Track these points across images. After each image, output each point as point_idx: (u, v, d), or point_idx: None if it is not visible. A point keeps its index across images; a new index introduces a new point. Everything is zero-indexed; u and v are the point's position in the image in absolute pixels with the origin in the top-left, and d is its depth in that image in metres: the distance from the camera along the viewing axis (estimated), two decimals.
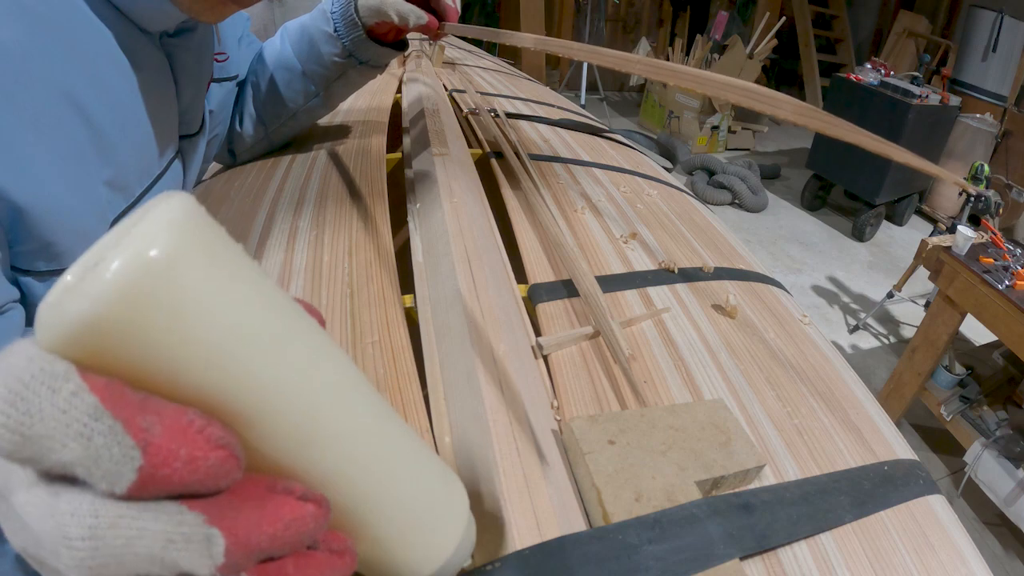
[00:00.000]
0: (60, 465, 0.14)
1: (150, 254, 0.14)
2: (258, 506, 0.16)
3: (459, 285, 0.46)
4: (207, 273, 0.15)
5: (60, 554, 0.14)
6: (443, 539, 0.23)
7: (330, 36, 0.64)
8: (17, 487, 0.15)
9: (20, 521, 0.15)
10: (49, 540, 0.14)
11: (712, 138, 4.03)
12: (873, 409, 0.49)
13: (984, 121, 3.22)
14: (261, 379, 0.16)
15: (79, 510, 0.14)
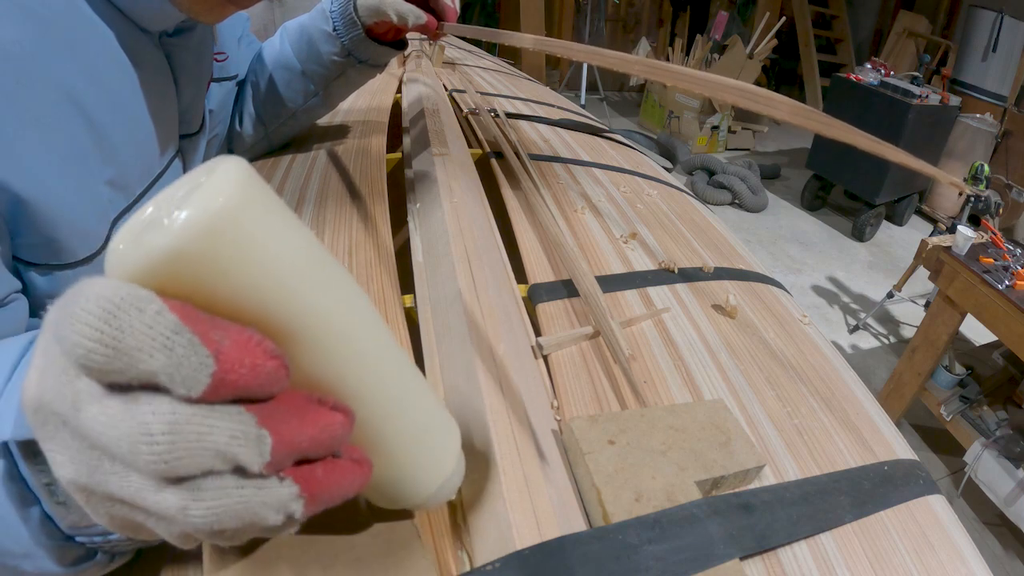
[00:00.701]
0: (145, 374, 0.16)
1: (220, 201, 0.17)
2: (298, 413, 0.19)
3: (459, 285, 0.46)
4: (264, 218, 0.18)
5: (139, 452, 0.16)
6: (442, 464, 0.26)
7: (329, 35, 0.65)
8: (87, 402, 0.17)
9: (83, 440, 0.17)
10: (127, 441, 0.16)
11: (712, 138, 4.03)
12: (873, 409, 0.49)
13: (984, 121, 3.22)
14: (307, 304, 0.19)
15: (159, 409, 0.16)
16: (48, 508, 0.24)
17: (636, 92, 5.08)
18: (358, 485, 0.22)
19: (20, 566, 0.25)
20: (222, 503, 0.18)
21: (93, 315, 0.16)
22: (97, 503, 0.19)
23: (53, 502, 0.24)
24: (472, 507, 0.32)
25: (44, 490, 0.23)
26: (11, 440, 0.23)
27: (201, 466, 0.17)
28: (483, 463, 0.33)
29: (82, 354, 0.16)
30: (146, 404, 0.17)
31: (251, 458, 0.18)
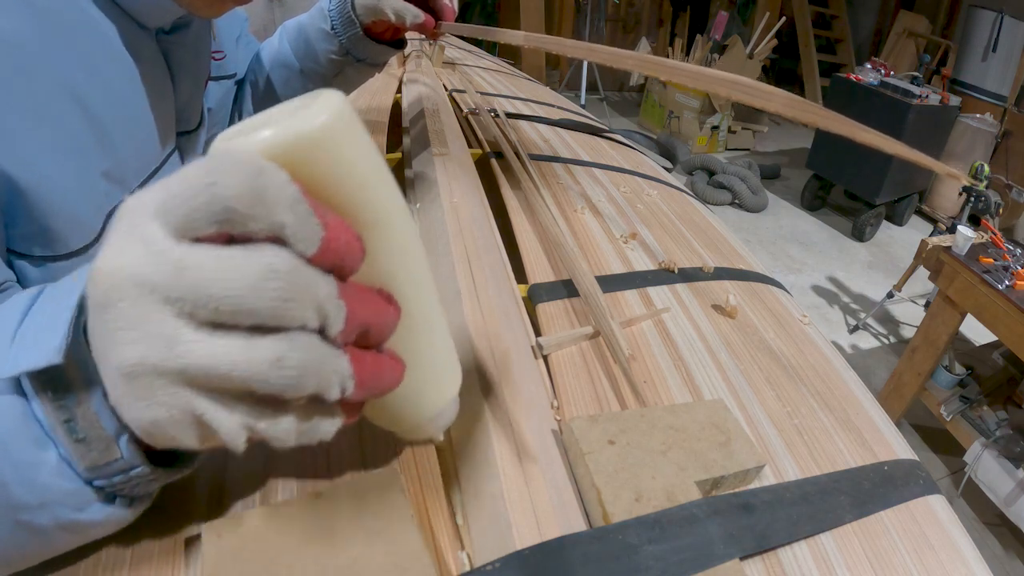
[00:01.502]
0: (276, 226, 0.19)
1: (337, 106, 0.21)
2: (363, 297, 0.22)
3: (459, 285, 0.46)
4: (358, 128, 0.22)
5: (264, 288, 0.19)
6: (443, 393, 0.30)
7: (327, 34, 0.65)
8: (199, 256, 0.18)
9: (175, 304, 0.18)
10: (253, 278, 0.18)
11: (712, 138, 4.03)
12: (873, 409, 0.49)
13: (984, 121, 3.22)
14: (381, 205, 0.23)
15: (282, 255, 0.19)
16: (65, 449, 0.23)
17: (636, 92, 5.08)
18: (395, 381, 0.24)
19: (35, 520, 0.24)
20: (309, 357, 0.20)
21: (244, 171, 0.18)
22: (161, 388, 0.19)
23: (72, 440, 0.23)
24: (472, 507, 0.32)
25: (62, 428, 0.23)
26: (24, 374, 0.22)
27: (304, 314, 0.19)
28: (483, 463, 0.33)
29: (232, 196, 0.18)
30: (270, 251, 0.19)
31: (335, 321, 0.20)
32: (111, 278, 0.19)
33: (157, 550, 0.30)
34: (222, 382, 0.19)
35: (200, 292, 0.18)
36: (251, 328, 0.19)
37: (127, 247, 0.19)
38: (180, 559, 0.30)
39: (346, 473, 0.34)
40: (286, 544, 0.28)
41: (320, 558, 0.27)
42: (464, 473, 0.35)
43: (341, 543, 0.28)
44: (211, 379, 0.19)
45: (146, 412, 0.20)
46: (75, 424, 0.23)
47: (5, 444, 0.22)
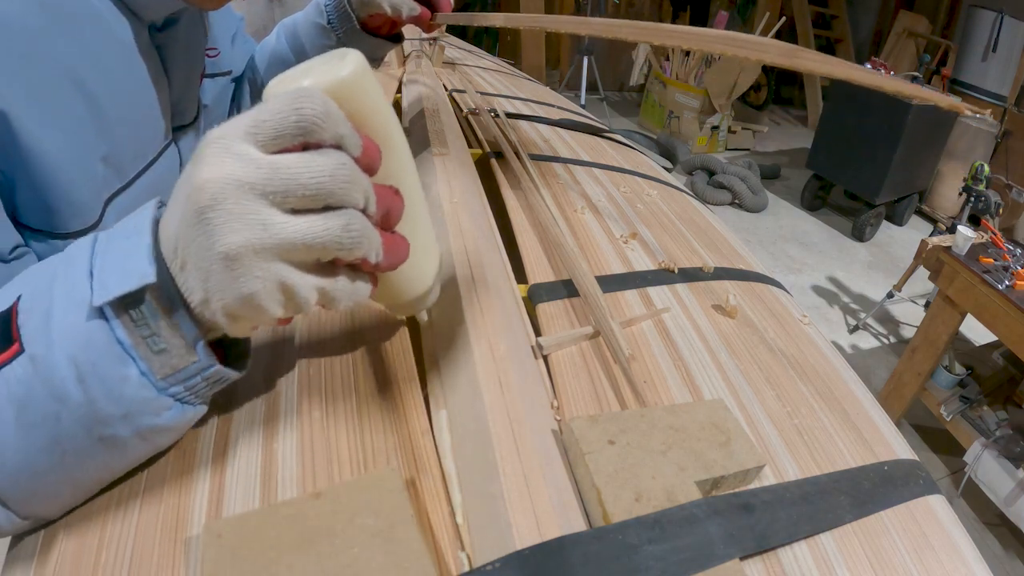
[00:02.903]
0: (337, 136, 0.26)
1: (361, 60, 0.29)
2: (383, 190, 0.29)
3: (459, 285, 0.46)
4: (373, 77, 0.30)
5: (338, 175, 0.25)
6: (431, 273, 0.37)
7: (324, 28, 0.65)
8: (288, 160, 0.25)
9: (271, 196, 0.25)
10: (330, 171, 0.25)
11: (712, 138, 4.03)
12: (873, 409, 0.49)
13: (984, 121, 3.22)
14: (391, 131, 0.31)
15: (343, 155, 0.26)
16: (144, 363, 0.27)
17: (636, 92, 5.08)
18: (404, 256, 0.31)
19: (118, 433, 0.28)
20: (363, 226, 0.27)
21: (319, 99, 0.25)
22: (257, 264, 0.25)
23: (152, 352, 0.27)
24: (472, 507, 0.32)
25: (143, 344, 0.27)
26: (106, 304, 0.26)
27: (358, 197, 0.27)
28: (483, 463, 0.33)
29: (311, 116, 0.25)
30: (336, 152, 0.26)
31: (371, 204, 0.28)
32: (216, 184, 0.24)
33: (157, 550, 0.30)
34: (304, 252, 0.26)
35: (292, 184, 0.25)
36: (322, 209, 0.26)
37: (224, 161, 0.25)
38: (180, 559, 0.30)
39: (346, 473, 0.34)
40: (286, 544, 0.28)
41: (320, 558, 0.27)
42: (464, 474, 0.35)
43: (341, 543, 0.28)
44: (297, 250, 0.26)
45: (244, 287, 0.25)
46: (157, 338, 0.27)
47: (94, 364, 0.26)
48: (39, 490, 0.30)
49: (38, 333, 0.27)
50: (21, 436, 0.28)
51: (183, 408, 0.29)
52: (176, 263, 0.26)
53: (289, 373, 0.41)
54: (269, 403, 0.39)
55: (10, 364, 0.27)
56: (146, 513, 0.32)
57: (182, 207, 0.25)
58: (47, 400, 0.27)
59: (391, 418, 0.38)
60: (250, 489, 0.33)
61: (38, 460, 0.28)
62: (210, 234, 0.24)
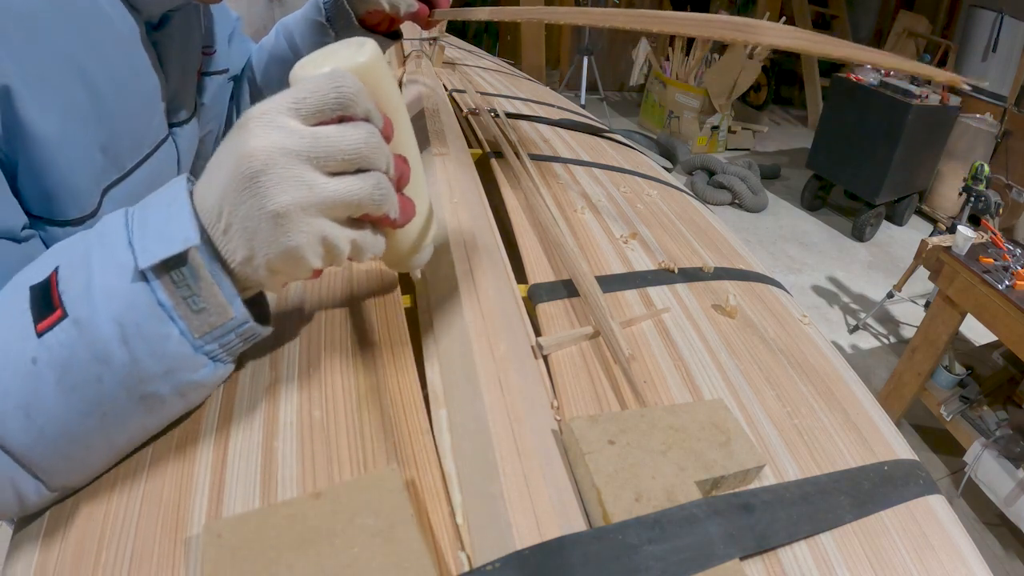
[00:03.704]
0: (364, 111, 0.30)
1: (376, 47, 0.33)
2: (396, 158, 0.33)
3: (459, 285, 0.46)
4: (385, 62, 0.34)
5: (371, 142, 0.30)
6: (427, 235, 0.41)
7: (322, 25, 0.66)
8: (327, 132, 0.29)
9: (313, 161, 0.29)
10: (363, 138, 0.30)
11: (712, 138, 4.03)
12: (873, 409, 0.49)
13: (984, 121, 3.22)
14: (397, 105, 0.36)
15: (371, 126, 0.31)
16: (183, 323, 0.30)
17: (636, 92, 5.08)
18: (412, 215, 0.35)
19: (159, 390, 0.31)
20: (387, 187, 0.31)
21: (352, 79, 0.30)
22: (302, 220, 0.29)
23: (192, 311, 0.30)
24: (472, 507, 0.32)
25: (183, 304, 0.30)
26: (150, 268, 0.28)
27: (383, 161, 0.31)
28: (483, 463, 0.33)
29: (348, 93, 0.29)
30: (366, 124, 0.30)
31: (390, 167, 0.32)
32: (266, 152, 0.28)
33: (157, 550, 0.30)
34: (343, 209, 0.30)
35: (333, 150, 0.29)
36: (354, 172, 0.30)
37: (271, 132, 0.28)
38: (180, 559, 0.30)
39: (346, 473, 0.34)
40: (286, 544, 0.28)
41: (320, 558, 0.27)
42: (464, 474, 0.35)
43: (341, 543, 0.28)
44: (336, 207, 0.30)
45: (291, 241, 0.29)
46: (196, 298, 0.30)
47: (138, 324, 0.29)
48: (75, 456, 0.31)
49: (81, 299, 0.29)
50: (62, 400, 0.29)
51: (215, 366, 0.32)
52: (219, 227, 0.29)
53: (289, 373, 0.41)
54: (269, 403, 0.39)
55: (52, 330, 0.29)
56: (146, 513, 0.32)
57: (228, 175, 0.28)
58: (90, 362, 0.29)
59: (391, 418, 0.38)
60: (250, 489, 0.33)
61: (78, 424, 0.30)
62: (262, 195, 0.28)
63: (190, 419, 0.38)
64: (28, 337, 0.29)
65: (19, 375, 0.29)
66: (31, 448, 0.30)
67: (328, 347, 0.43)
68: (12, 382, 0.29)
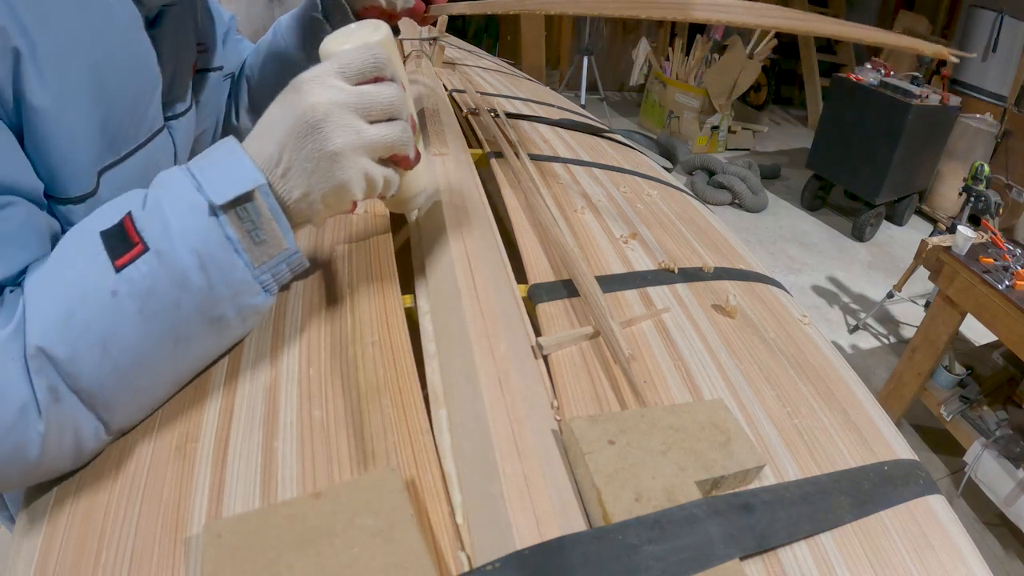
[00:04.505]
0: (391, 73, 0.39)
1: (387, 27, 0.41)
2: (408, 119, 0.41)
3: (459, 285, 0.46)
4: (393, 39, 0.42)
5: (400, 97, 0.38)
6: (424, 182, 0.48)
7: (319, 22, 0.66)
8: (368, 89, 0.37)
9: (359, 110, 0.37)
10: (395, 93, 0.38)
11: (712, 138, 4.03)
12: (873, 409, 0.49)
13: (984, 121, 3.22)
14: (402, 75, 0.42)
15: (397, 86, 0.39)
16: (247, 255, 0.35)
17: (636, 92, 5.08)
18: (418, 159, 0.42)
19: (226, 313, 0.36)
20: (410, 133, 0.39)
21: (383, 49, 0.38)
22: (351, 158, 0.36)
23: (254, 243, 0.36)
24: (472, 507, 0.32)
25: (247, 238, 0.35)
26: (220, 206, 0.34)
27: (405, 111, 0.39)
28: (483, 463, 0.33)
29: (381, 59, 0.38)
30: (393, 84, 0.39)
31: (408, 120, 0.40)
32: (325, 105, 0.35)
33: (157, 550, 0.30)
34: (381, 150, 0.38)
35: (374, 102, 0.37)
36: (387, 120, 0.38)
37: (325, 91, 0.36)
38: (180, 559, 0.30)
39: (346, 473, 0.34)
40: (286, 544, 0.28)
41: (320, 558, 0.27)
42: (464, 474, 0.35)
43: (341, 543, 0.28)
44: (377, 148, 0.37)
45: (343, 176, 0.36)
46: (258, 231, 0.35)
47: (212, 254, 0.34)
48: (142, 387, 0.36)
49: (160, 234, 0.34)
50: (142, 327, 0.34)
51: (266, 295, 0.38)
52: (278, 171, 0.36)
53: (289, 373, 0.41)
54: (269, 403, 0.39)
55: (133, 263, 0.33)
56: (146, 513, 0.32)
57: (290, 126, 0.36)
58: (171, 288, 0.34)
59: (391, 418, 0.38)
60: (250, 489, 0.33)
61: (153, 350, 0.35)
62: (322, 139, 0.35)
63: (190, 418, 0.38)
64: (106, 274, 0.33)
65: (99, 309, 0.32)
66: (103, 384, 0.33)
67: (328, 347, 0.43)
68: (91, 317, 0.32)
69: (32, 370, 0.32)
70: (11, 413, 0.31)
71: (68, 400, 0.32)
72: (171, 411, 0.39)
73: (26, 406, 0.31)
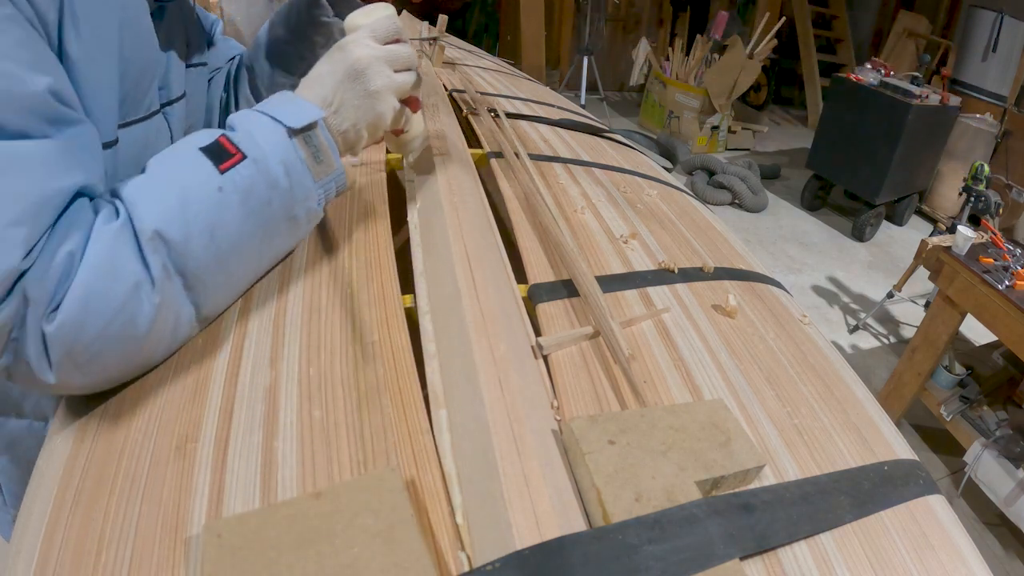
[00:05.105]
0: (406, 36, 0.52)
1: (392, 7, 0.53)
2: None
3: (459, 285, 0.46)
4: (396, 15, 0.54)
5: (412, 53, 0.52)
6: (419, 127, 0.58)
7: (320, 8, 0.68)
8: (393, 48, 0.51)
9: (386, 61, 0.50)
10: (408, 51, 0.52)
11: (712, 138, 4.03)
12: (873, 409, 0.49)
13: (984, 121, 3.22)
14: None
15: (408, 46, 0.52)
16: (311, 170, 0.46)
17: (636, 92, 5.08)
18: (418, 107, 0.56)
19: (298, 213, 0.47)
20: (419, 81, 0.53)
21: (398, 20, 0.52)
22: (386, 96, 0.49)
23: (315, 163, 0.47)
24: (472, 507, 0.32)
25: (311, 157, 0.46)
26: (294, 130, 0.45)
27: (415, 64, 0.52)
28: (483, 463, 0.33)
29: (400, 26, 0.52)
30: (407, 45, 0.52)
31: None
32: (366, 58, 0.48)
33: (157, 550, 0.30)
34: (404, 90, 0.51)
35: (399, 56, 0.50)
36: (406, 70, 0.51)
37: (365, 48, 0.48)
38: (180, 559, 0.30)
39: (346, 473, 0.34)
40: (286, 544, 0.28)
41: (320, 558, 0.27)
42: (464, 474, 0.35)
43: (341, 543, 0.28)
44: (401, 89, 0.51)
45: (381, 108, 0.49)
46: (319, 152, 0.47)
47: (293, 165, 0.45)
48: (234, 273, 0.45)
49: (254, 148, 0.43)
50: (242, 219, 0.42)
51: (319, 209, 0.49)
52: (331, 108, 0.48)
53: (289, 373, 0.41)
54: (269, 403, 0.39)
55: (235, 168, 0.42)
56: (146, 513, 0.32)
57: (341, 74, 0.48)
58: (265, 189, 0.43)
59: (391, 418, 0.38)
60: (250, 489, 0.33)
61: (247, 239, 0.44)
62: (366, 82, 0.48)
63: (190, 418, 0.38)
64: (212, 176, 0.41)
65: (207, 202, 0.40)
66: (206, 267, 0.41)
67: (328, 347, 0.43)
68: (201, 207, 0.40)
69: (148, 251, 0.37)
70: (125, 289, 0.36)
71: (175, 281, 0.39)
72: (171, 411, 0.39)
73: (140, 283, 0.37)
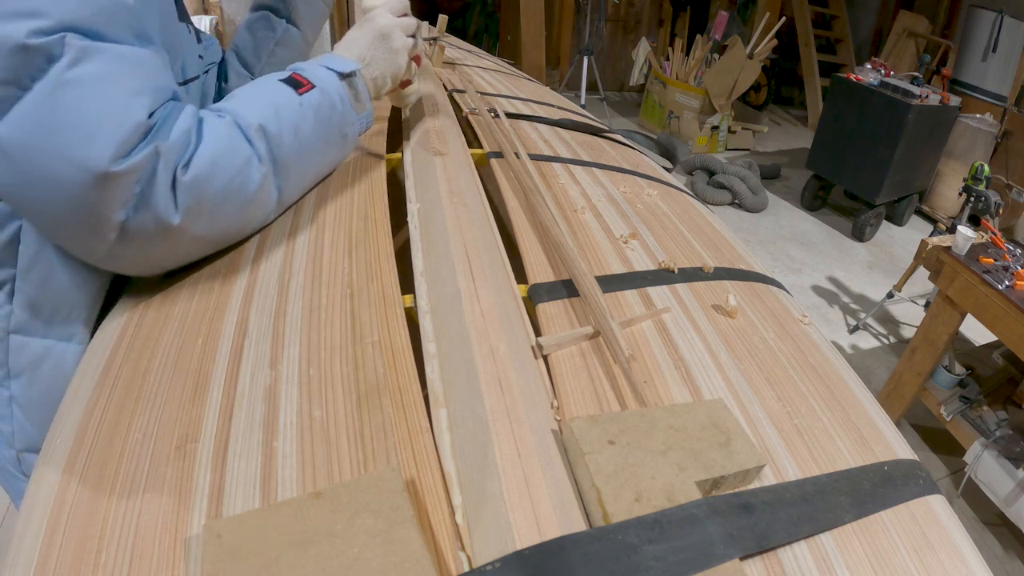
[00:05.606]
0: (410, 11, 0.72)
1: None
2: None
3: (459, 285, 0.46)
4: None
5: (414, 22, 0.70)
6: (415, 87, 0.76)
7: None
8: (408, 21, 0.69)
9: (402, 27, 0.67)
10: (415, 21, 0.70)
11: (712, 138, 4.03)
12: (873, 409, 0.49)
13: (984, 121, 3.22)
14: None
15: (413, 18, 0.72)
16: (351, 107, 0.61)
17: (636, 92, 5.08)
18: (420, 63, 0.75)
19: (349, 132, 0.62)
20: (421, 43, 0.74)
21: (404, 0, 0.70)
22: (402, 51, 0.67)
23: (355, 101, 0.62)
24: (472, 507, 0.32)
25: (351, 96, 0.61)
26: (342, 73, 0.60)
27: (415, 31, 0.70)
28: (483, 463, 0.33)
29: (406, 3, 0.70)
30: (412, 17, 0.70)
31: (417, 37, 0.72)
32: (389, 25, 0.66)
33: (157, 550, 0.30)
34: (413, 49, 0.70)
35: (409, 24, 0.68)
36: (412, 36, 0.69)
37: (386, 18, 0.66)
38: (180, 559, 0.30)
39: (346, 473, 0.34)
40: (286, 544, 0.28)
41: (320, 558, 0.27)
42: (464, 474, 0.35)
43: (341, 543, 0.28)
44: (413, 49, 0.70)
45: (400, 61, 0.67)
46: (358, 93, 0.62)
47: (344, 97, 0.60)
48: (305, 168, 0.59)
49: (320, 82, 0.58)
50: (315, 125, 0.57)
51: (356, 137, 0.64)
52: (364, 62, 0.63)
53: (289, 373, 0.41)
54: (269, 403, 0.39)
55: (309, 92, 0.56)
56: (146, 513, 0.32)
57: (370, 38, 0.65)
58: (330, 108, 0.58)
59: (391, 418, 0.38)
60: (250, 489, 0.33)
61: (317, 141, 0.58)
62: (391, 41, 0.65)
63: (190, 418, 0.38)
64: (293, 96, 0.55)
65: (292, 110, 0.54)
66: (290, 156, 0.55)
67: (328, 347, 0.43)
68: (288, 114, 0.54)
69: (254, 139, 0.51)
70: (241, 159, 0.49)
71: (270, 164, 0.53)
72: (171, 411, 0.39)
73: (250, 159, 0.50)
